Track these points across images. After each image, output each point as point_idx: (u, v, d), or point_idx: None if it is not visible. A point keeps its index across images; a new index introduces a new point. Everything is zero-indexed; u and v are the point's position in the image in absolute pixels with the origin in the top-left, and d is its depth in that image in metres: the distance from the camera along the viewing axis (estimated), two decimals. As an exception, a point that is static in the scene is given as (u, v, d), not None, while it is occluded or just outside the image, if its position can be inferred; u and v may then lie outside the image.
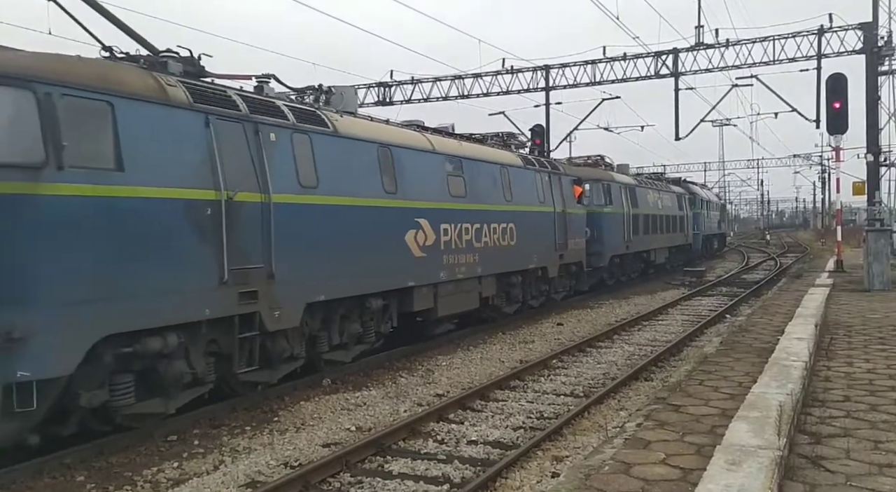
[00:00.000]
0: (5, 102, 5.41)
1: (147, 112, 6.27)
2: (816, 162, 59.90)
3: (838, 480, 3.92)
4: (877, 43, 20.49)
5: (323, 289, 8.17)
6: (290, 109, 8.10)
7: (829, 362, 7.06)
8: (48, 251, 5.45)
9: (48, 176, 5.43)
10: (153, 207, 6.18)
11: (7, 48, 6.08)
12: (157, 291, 6.18)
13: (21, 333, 5.23)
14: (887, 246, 15.11)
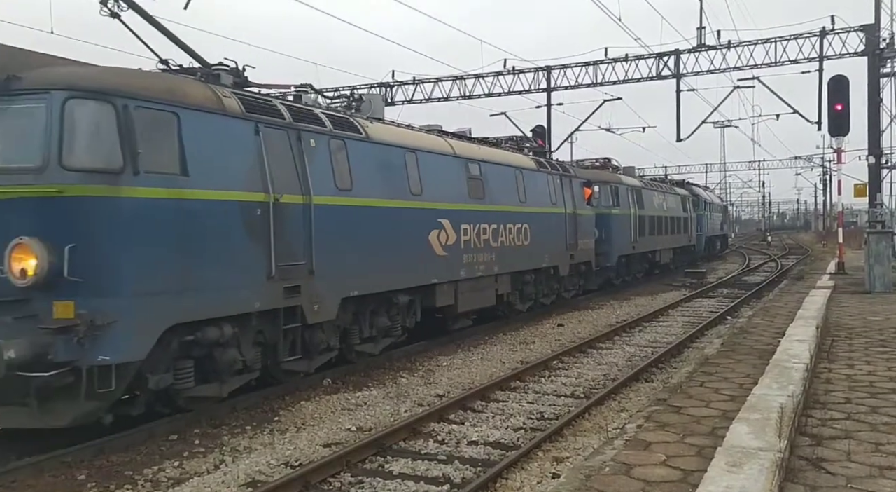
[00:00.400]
0: (89, 114, 6.03)
1: (206, 121, 6.87)
2: (818, 164, 59.91)
3: (839, 482, 3.92)
4: (879, 45, 20.49)
5: (356, 285, 8.75)
6: (328, 117, 8.71)
7: (830, 364, 7.05)
8: (126, 248, 6.05)
9: (126, 180, 6.06)
10: (212, 208, 6.78)
11: (84, 64, 6.73)
12: (216, 285, 6.81)
13: (103, 321, 5.83)
14: (888, 248, 15.10)
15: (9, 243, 5.76)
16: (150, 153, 6.22)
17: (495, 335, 12.40)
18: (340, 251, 8.38)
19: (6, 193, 5.85)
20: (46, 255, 5.74)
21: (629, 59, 23.96)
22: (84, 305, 5.79)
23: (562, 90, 25.77)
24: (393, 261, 9.46)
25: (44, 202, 5.86)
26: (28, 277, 5.73)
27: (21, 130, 5.99)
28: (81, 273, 5.79)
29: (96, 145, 6.05)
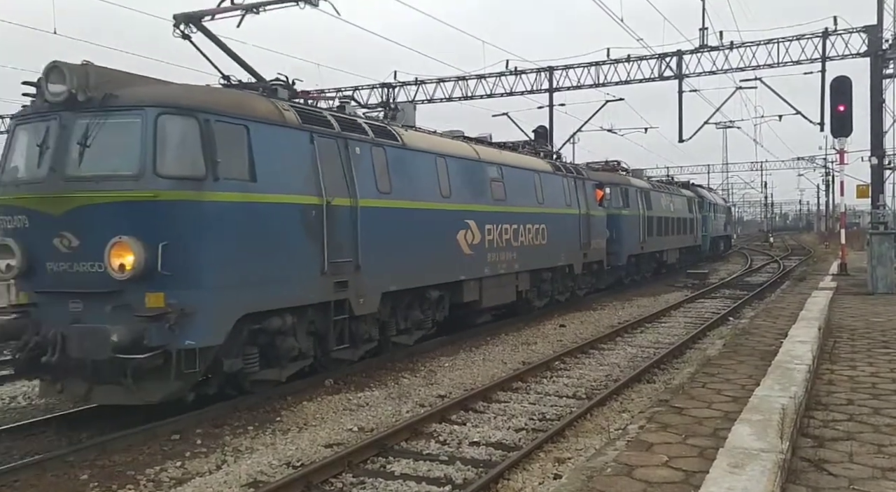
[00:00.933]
0: (178, 128, 6.78)
1: (270, 132, 7.62)
2: (820, 165, 59.81)
3: (841, 483, 3.91)
4: (881, 46, 20.45)
5: (395, 280, 9.52)
6: (369, 126, 9.51)
7: (832, 366, 7.04)
8: (207, 246, 6.82)
9: (208, 186, 6.81)
10: (276, 210, 7.54)
11: (165, 82, 7.56)
12: (279, 279, 7.57)
13: (189, 310, 6.58)
14: (891, 249, 15.04)
15: (108, 242, 6.44)
16: (225, 162, 6.96)
17: (497, 336, 12.40)
18: (381, 249, 9.13)
19: (107, 197, 6.54)
20: (142, 252, 6.45)
21: (631, 59, 23.94)
22: (173, 296, 6.56)
23: (564, 91, 25.75)
24: (426, 258, 10.23)
25: (140, 206, 6.56)
26: (126, 272, 6.44)
27: (119, 141, 6.71)
28: (171, 268, 6.52)
29: (184, 155, 6.82)
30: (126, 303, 6.56)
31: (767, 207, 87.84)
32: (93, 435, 6.72)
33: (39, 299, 6.96)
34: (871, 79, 20.40)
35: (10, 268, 6.90)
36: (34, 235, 6.79)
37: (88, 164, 6.66)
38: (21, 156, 7.17)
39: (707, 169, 68.71)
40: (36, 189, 6.78)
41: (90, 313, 6.63)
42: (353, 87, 28.74)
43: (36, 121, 7.02)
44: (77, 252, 6.64)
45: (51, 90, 6.76)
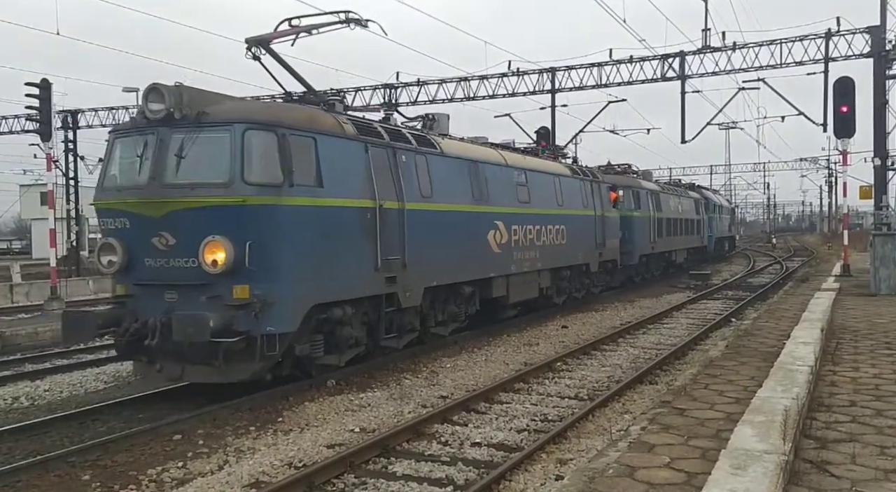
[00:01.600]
0: (261, 142, 7.66)
1: (333, 143, 8.53)
2: (823, 166, 59.67)
3: (843, 485, 3.90)
4: (884, 46, 20.39)
5: (435, 276, 10.43)
6: (412, 136, 10.45)
7: (834, 367, 7.02)
8: (286, 244, 7.71)
9: (285, 192, 7.69)
10: (339, 213, 8.44)
11: (245, 99, 8.39)
12: (342, 274, 8.46)
13: (270, 300, 7.45)
14: (894, 250, 15.01)
15: (202, 240, 7.32)
16: (299, 170, 7.85)
17: (499, 337, 12.40)
18: (424, 248, 10.00)
19: (201, 202, 7.41)
20: (232, 249, 7.34)
21: (634, 60, 23.90)
22: (257, 288, 7.45)
23: (566, 92, 25.71)
24: (461, 257, 11.12)
25: (231, 209, 7.42)
26: (218, 267, 7.33)
27: (210, 153, 7.59)
28: (255, 263, 7.40)
29: (266, 165, 7.67)
30: (217, 294, 7.48)
31: (770, 208, 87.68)
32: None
33: (137, 291, 7.96)
34: (874, 79, 20.34)
35: (112, 263, 7.91)
36: (134, 235, 7.76)
37: (184, 173, 7.55)
38: (120, 165, 8.16)
39: (710, 170, 68.55)
40: (137, 195, 7.70)
41: (184, 303, 7.52)
42: (356, 88, 28.76)
43: (135, 135, 7.97)
44: (173, 250, 7.55)
45: (150, 108, 7.69)
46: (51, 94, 17.39)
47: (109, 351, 11.98)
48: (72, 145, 31.66)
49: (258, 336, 7.43)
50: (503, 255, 12.41)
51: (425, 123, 11.95)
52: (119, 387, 9.29)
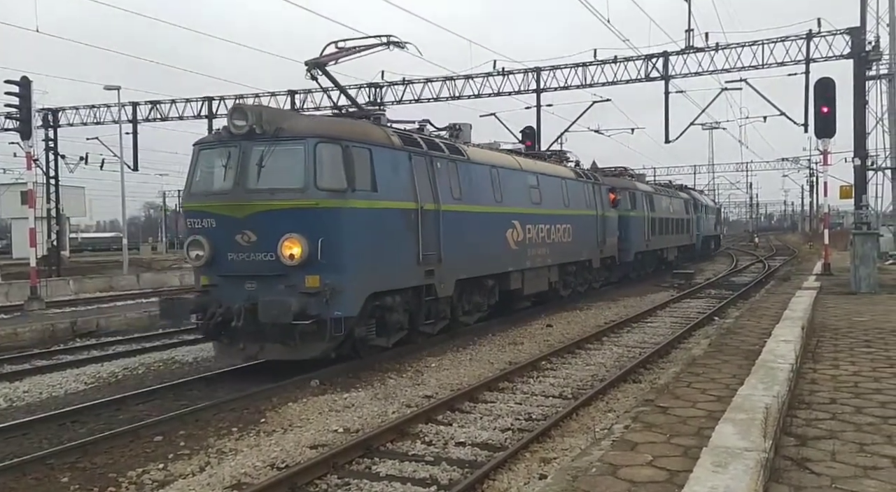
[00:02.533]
0: (329, 153, 8.89)
1: (384, 153, 9.74)
2: (804, 166, 60.31)
3: (823, 482, 3.93)
4: (864, 48, 20.64)
5: (464, 270, 11.64)
6: (445, 145, 11.65)
7: (815, 365, 7.09)
8: (349, 240, 8.93)
9: (349, 196, 8.94)
10: (390, 213, 9.71)
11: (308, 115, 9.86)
12: (392, 267, 9.72)
13: (339, 288, 8.67)
14: (874, 249, 15.20)
15: (280, 237, 8.52)
16: (358, 177, 9.09)
17: (484, 336, 12.40)
18: (456, 245, 11.20)
19: (281, 205, 8.66)
20: (306, 245, 8.51)
21: (618, 60, 24.01)
22: (326, 278, 8.61)
23: (551, 91, 25.77)
24: (484, 252, 12.30)
25: (305, 211, 8.63)
26: (294, 260, 8.51)
27: (287, 163, 8.77)
28: (325, 257, 8.55)
29: (334, 173, 8.87)
30: (292, 283, 8.63)
31: (753, 207, 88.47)
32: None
33: (220, 281, 9.09)
34: (854, 80, 20.59)
35: (199, 257, 9.04)
36: (220, 233, 8.92)
37: (264, 180, 8.76)
38: (205, 173, 9.33)
39: (693, 170, 69.06)
40: (223, 198, 8.92)
41: (263, 291, 8.65)
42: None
43: (219, 147, 9.23)
44: (254, 245, 8.73)
45: (235, 124, 8.92)
46: (31, 91, 17.16)
47: (90, 352, 11.88)
48: (52, 144, 31.26)
49: (328, 319, 8.58)
50: (519, 251, 13.62)
51: (452, 132, 13.10)
52: (99, 388, 9.18)
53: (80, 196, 48.26)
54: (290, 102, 29.53)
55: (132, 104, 30.92)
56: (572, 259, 16.74)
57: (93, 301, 19.55)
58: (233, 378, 9.28)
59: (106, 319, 14.56)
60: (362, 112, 11.08)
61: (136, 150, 31.38)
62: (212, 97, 30.29)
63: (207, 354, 11.56)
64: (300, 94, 29.45)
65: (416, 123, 11.97)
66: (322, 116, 10.31)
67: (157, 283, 25.12)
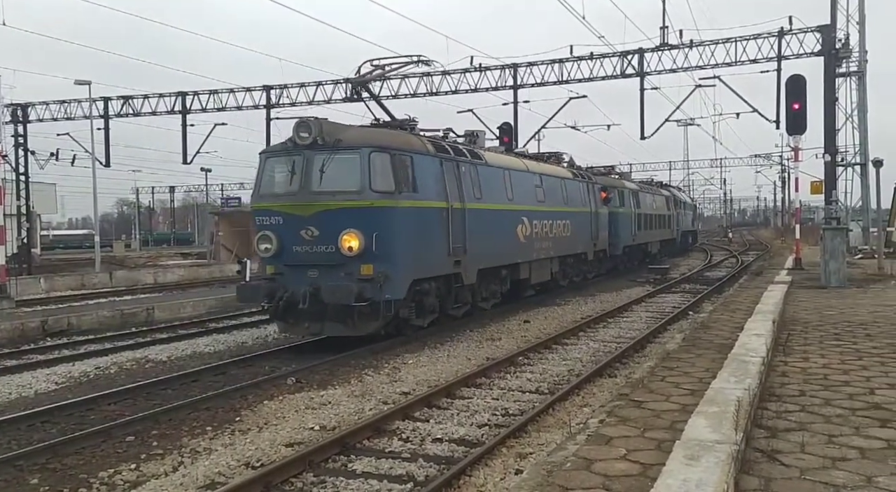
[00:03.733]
0: (381, 160, 10.38)
1: (422, 160, 11.24)
2: (777, 162, 61.28)
3: (793, 474, 3.99)
4: (834, 45, 21.00)
5: (484, 261, 13.12)
6: (467, 151, 13.14)
7: (785, 358, 7.20)
8: (397, 235, 10.43)
9: (396, 197, 10.45)
10: (427, 211, 11.24)
11: (361, 127, 11.56)
12: (429, 258, 11.26)
13: (389, 275, 10.16)
14: (843, 244, 15.47)
15: (340, 232, 10.04)
16: (403, 180, 10.63)
17: (462, 332, 12.41)
18: (478, 239, 12.64)
19: (341, 204, 10.19)
20: (363, 239, 10.03)
21: (594, 57, 24.15)
22: (378, 267, 10.09)
23: (528, 88, 25.85)
24: (500, 245, 13.78)
25: (362, 210, 10.14)
26: (353, 252, 10.07)
27: (346, 169, 10.27)
28: (378, 249, 10.07)
29: (384, 177, 10.36)
30: (350, 271, 10.17)
31: (727, 203, 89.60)
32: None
33: (286, 270, 10.59)
34: (824, 77, 20.93)
35: (268, 250, 10.58)
36: (286, 229, 10.43)
37: (326, 183, 10.28)
38: (273, 178, 10.81)
39: (669, 166, 69.80)
40: (290, 199, 10.43)
41: (324, 278, 10.17)
42: (317, 82, 28.44)
43: (283, 155, 10.71)
44: (317, 239, 10.24)
45: (300, 136, 10.41)
46: (-2, 86, 16.77)
47: (61, 351, 11.67)
48: (22, 140, 30.61)
49: (380, 301, 10.06)
50: (527, 244, 15.15)
51: (471, 138, 14.61)
52: (70, 388, 9.03)
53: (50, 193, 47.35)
54: (265, 98, 29.25)
55: (103, 99, 30.42)
56: (570, 252, 18.28)
57: (64, 300, 19.22)
58: (212, 374, 9.19)
59: (77, 317, 14.32)
60: (398, 122, 12.39)
61: (108, 145, 30.90)
62: (185, 92, 29.89)
63: (181, 352, 11.44)
64: (275, 90, 29.18)
65: (440, 130, 13.57)
66: (371, 129, 11.71)
67: (130, 281, 24.77)
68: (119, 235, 71.89)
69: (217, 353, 11.36)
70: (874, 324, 9.26)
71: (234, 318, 15.35)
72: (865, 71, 22.59)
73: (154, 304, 16.30)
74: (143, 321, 15.04)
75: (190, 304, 16.70)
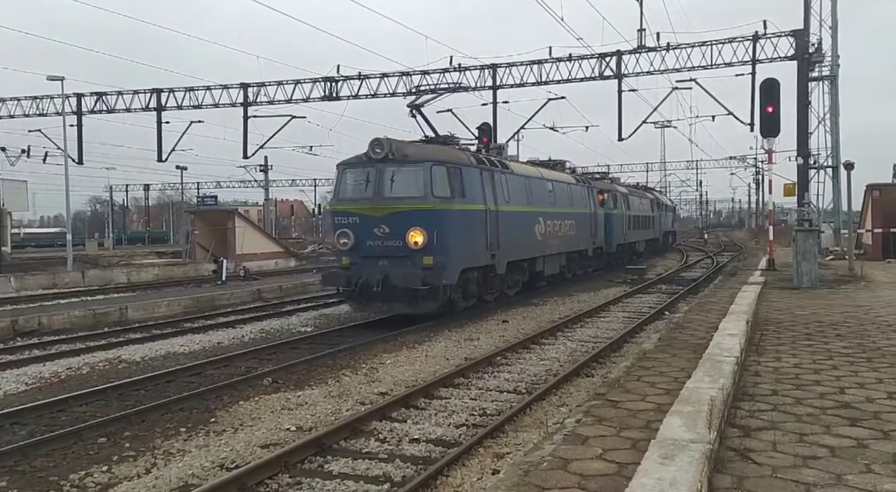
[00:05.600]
0: (440, 172, 12.85)
1: (468, 170, 13.66)
2: (751, 164, 62.19)
3: (765, 472, 4.04)
4: (808, 49, 21.34)
5: (512, 255, 15.65)
6: (499, 162, 15.68)
7: (758, 358, 7.30)
8: (451, 232, 12.79)
9: (451, 201, 12.89)
10: (473, 213, 13.69)
11: (428, 145, 14.06)
12: (474, 250, 13.76)
13: (445, 264, 12.54)
14: (815, 245, 15.71)
15: (408, 230, 12.50)
16: (455, 188, 13.08)
17: (440, 332, 12.41)
18: (507, 235, 15.06)
19: (408, 207, 12.63)
20: (425, 235, 12.47)
21: (573, 58, 24.29)
22: (437, 258, 12.50)
23: (507, 88, 25.94)
24: (523, 242, 16.35)
25: (425, 212, 12.60)
26: (417, 246, 12.50)
27: (412, 179, 12.79)
28: (437, 243, 12.51)
29: (442, 186, 12.85)
30: (414, 261, 12.55)
31: (702, 204, 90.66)
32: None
33: (360, 261, 12.96)
34: (797, 81, 21.27)
35: (346, 244, 13.03)
36: (362, 227, 12.90)
37: (395, 190, 12.82)
38: (350, 186, 13.33)
39: (646, 167, 70.46)
40: (366, 203, 12.92)
41: (393, 268, 12.58)
42: (295, 81, 28.25)
43: (360, 167, 13.20)
44: (387, 235, 12.72)
45: (374, 151, 12.87)
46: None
47: (31, 351, 11.45)
48: (-9, 135, 29.98)
49: (439, 286, 12.51)
50: (542, 241, 17.63)
51: (499, 151, 17.57)
52: (41, 389, 8.86)
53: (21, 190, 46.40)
54: (243, 95, 28.97)
55: (76, 95, 29.91)
56: (575, 248, 20.79)
57: (35, 299, 18.85)
58: (187, 374, 9.07)
59: (49, 317, 14.06)
60: (442, 138, 15.05)
61: (81, 142, 30.41)
62: (161, 89, 29.52)
63: (156, 352, 11.29)
64: (253, 88, 28.92)
65: (474, 143, 16.71)
66: (430, 145, 14.18)
67: (103, 280, 24.38)
68: (92, 234, 70.69)
69: (192, 353, 11.23)
70: (844, 324, 9.43)
71: (210, 318, 15.19)
72: (838, 75, 22.99)
73: (128, 303, 16.07)
74: (117, 321, 14.82)
75: (165, 303, 16.49)
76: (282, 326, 13.95)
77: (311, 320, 14.82)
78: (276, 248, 34.04)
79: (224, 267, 22.54)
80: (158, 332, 13.32)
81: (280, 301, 18.31)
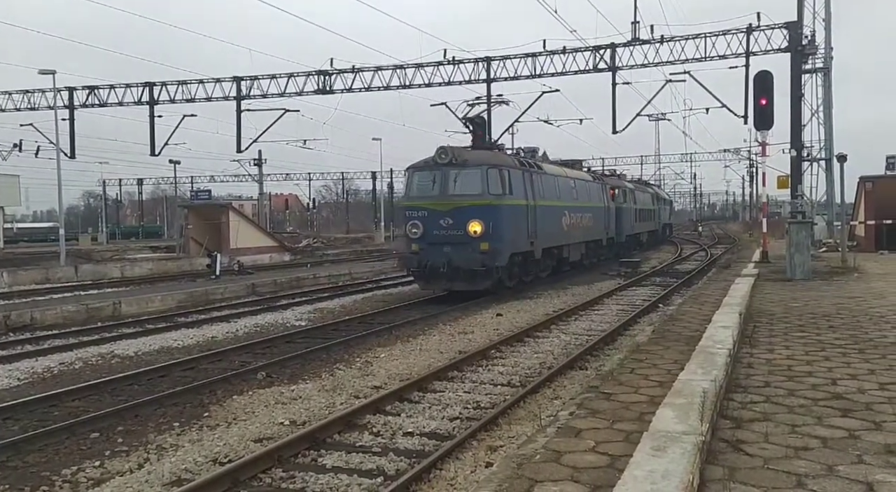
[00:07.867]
0: (494, 174, 15.94)
1: (514, 172, 16.68)
2: (745, 156, 62.29)
3: (757, 463, 4.05)
4: (801, 42, 21.34)
5: (546, 242, 18.47)
6: (534, 163, 18.59)
7: (751, 349, 7.31)
8: (503, 223, 15.79)
9: (503, 198, 15.96)
10: (518, 208, 16.54)
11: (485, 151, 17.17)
12: (518, 239, 16.60)
13: (498, 249, 15.63)
14: (808, 237, 15.76)
15: (468, 221, 15.34)
16: (505, 186, 15.97)
17: (434, 326, 12.41)
18: (542, 226, 17.82)
19: (468, 203, 15.49)
20: (483, 225, 15.28)
21: (567, 51, 24.25)
22: (492, 245, 15.32)
23: (501, 81, 25.90)
24: (554, 231, 19.17)
25: (482, 207, 15.44)
26: (476, 234, 15.29)
27: (471, 180, 15.72)
28: (492, 232, 15.34)
29: (495, 185, 15.77)
30: (473, 247, 15.23)
31: (696, 197, 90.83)
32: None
33: (426, 247, 15.65)
34: (791, 73, 21.28)
35: (416, 233, 15.74)
36: (430, 220, 15.73)
37: (458, 189, 15.66)
38: (419, 186, 16.16)
39: (640, 160, 70.50)
40: (433, 200, 15.77)
41: (456, 253, 15.31)
42: (288, 74, 28.13)
43: (427, 170, 16.04)
44: (451, 226, 15.50)
45: (440, 157, 15.75)
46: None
47: (24, 346, 11.41)
48: (-18, 129, 29.79)
49: (492, 267, 15.35)
50: (568, 232, 20.47)
51: (535, 154, 20.32)
52: (33, 384, 8.83)
53: (14, 185, 46.18)
54: (236, 89, 28.83)
55: (68, 89, 29.72)
56: (592, 238, 23.47)
57: (28, 294, 18.77)
58: (181, 369, 9.05)
59: (41, 312, 14.00)
60: (492, 144, 18.38)
61: (73, 136, 30.23)
62: (153, 83, 29.36)
63: (149, 347, 11.26)
64: (246, 81, 28.78)
65: (514, 149, 19.68)
66: (484, 152, 16.86)
67: (96, 275, 24.28)
68: (86, 228, 70.40)
69: (186, 348, 11.20)
70: (837, 316, 9.47)
71: (204, 312, 15.15)
72: (831, 68, 23.02)
73: (121, 298, 16.01)
74: (110, 316, 14.76)
75: (158, 298, 16.44)
76: (276, 321, 13.93)
77: (305, 314, 14.81)
78: (270, 242, 33.96)
79: (218, 261, 22.48)
80: (152, 326, 13.28)
81: (274, 295, 18.28)
